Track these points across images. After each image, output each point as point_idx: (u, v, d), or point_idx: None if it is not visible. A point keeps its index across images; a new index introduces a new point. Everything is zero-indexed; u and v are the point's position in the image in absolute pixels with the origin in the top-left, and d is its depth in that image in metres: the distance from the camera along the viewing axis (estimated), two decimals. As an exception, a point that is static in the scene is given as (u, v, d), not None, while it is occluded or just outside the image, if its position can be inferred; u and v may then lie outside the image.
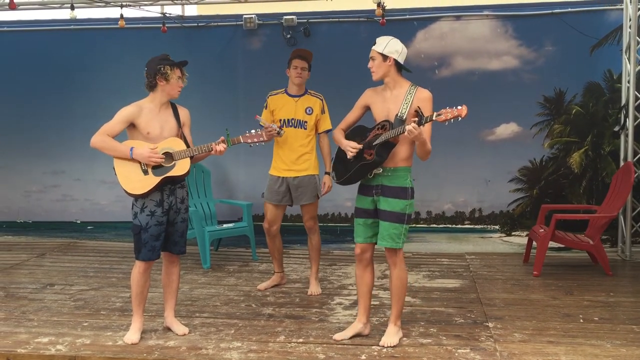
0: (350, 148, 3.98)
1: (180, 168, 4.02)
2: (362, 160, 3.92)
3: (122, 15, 6.51)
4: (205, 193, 6.87)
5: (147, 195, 4.00)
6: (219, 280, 5.67)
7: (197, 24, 7.12)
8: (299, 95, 5.11)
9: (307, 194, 5.10)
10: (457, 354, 3.90)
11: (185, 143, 4.09)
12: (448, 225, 6.99)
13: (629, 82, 6.24)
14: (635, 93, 6.23)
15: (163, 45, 6.48)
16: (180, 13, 7.24)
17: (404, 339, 4.12)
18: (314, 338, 4.19)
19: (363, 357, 3.87)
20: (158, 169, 3.99)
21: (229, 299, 5.08)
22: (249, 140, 4.23)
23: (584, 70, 6.57)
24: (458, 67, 6.81)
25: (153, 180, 3.98)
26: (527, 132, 6.74)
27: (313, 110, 5.07)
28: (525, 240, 6.40)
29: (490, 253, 6.72)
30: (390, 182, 3.94)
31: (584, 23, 6.50)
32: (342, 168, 4.09)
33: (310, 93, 5.14)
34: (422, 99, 3.87)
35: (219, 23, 7.11)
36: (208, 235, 6.20)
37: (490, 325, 4.41)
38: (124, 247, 6.93)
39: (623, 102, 6.40)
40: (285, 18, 6.87)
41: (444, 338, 4.17)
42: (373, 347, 4.01)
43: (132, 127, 4.02)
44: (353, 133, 4.12)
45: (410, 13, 6.81)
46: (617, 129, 6.44)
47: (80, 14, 7.22)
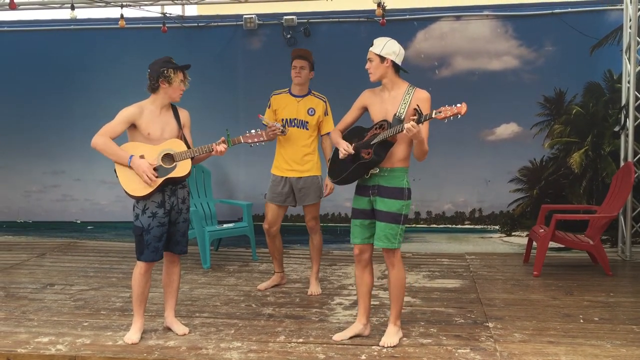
0: (342, 149, 3.98)
1: (182, 169, 4.02)
2: (359, 160, 3.92)
3: (122, 15, 6.51)
4: (206, 193, 6.87)
5: (148, 197, 4.00)
6: (219, 280, 5.68)
7: (197, 24, 7.12)
8: (302, 96, 5.11)
9: (310, 195, 5.10)
10: (457, 354, 3.90)
11: (186, 144, 4.10)
12: (448, 226, 6.99)
13: (629, 82, 6.24)
14: (636, 93, 6.23)
15: (163, 46, 6.51)
16: (181, 13, 7.24)
17: (404, 339, 4.12)
18: (314, 338, 4.19)
19: (363, 357, 3.87)
20: (159, 171, 3.98)
21: (229, 299, 5.08)
22: (250, 140, 4.24)
23: (584, 71, 6.57)
24: (458, 67, 6.81)
25: (154, 182, 3.98)
26: (527, 132, 6.74)
27: (315, 112, 5.06)
28: (526, 241, 6.41)
29: (491, 253, 6.72)
30: (387, 182, 3.94)
31: (584, 23, 6.50)
32: (339, 167, 4.08)
33: (314, 94, 5.13)
34: (420, 100, 3.86)
35: (219, 23, 7.11)
36: (208, 235, 6.20)
37: (491, 326, 4.41)
38: (124, 247, 6.94)
39: (623, 102, 6.40)
40: (286, 18, 6.87)
41: (444, 338, 4.17)
42: (373, 347, 4.01)
43: (132, 127, 4.01)
44: (351, 133, 4.11)
45: (411, 13, 6.81)
46: (617, 129, 6.44)
47: (81, 14, 7.24)
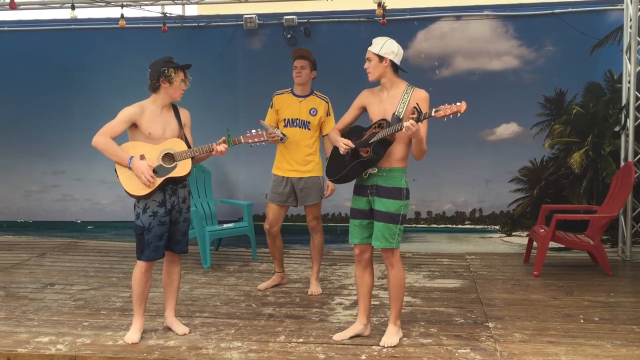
0: (342, 144, 3.98)
1: (182, 169, 4.02)
2: (358, 158, 3.92)
3: (122, 15, 6.51)
4: (206, 193, 6.87)
5: (148, 197, 4.01)
6: (219, 280, 5.68)
7: (197, 24, 7.12)
8: (304, 96, 5.11)
9: (312, 195, 5.10)
10: (457, 354, 3.90)
11: (187, 144, 4.10)
12: (448, 226, 6.99)
13: (630, 82, 6.24)
14: (636, 93, 6.23)
15: (163, 45, 6.51)
16: (181, 13, 7.24)
17: (404, 339, 4.12)
18: (314, 338, 4.19)
19: (363, 357, 3.87)
20: (160, 170, 3.99)
21: (229, 299, 5.08)
22: (250, 141, 4.23)
23: (585, 71, 6.57)
24: (458, 67, 6.81)
25: (155, 182, 3.98)
26: (527, 132, 6.74)
27: (317, 112, 5.06)
28: (526, 241, 6.41)
29: (491, 253, 6.72)
30: (385, 182, 3.94)
31: (585, 23, 6.50)
32: (337, 166, 4.08)
33: (316, 94, 5.13)
34: (419, 99, 3.86)
35: (220, 23, 7.11)
36: (208, 235, 6.20)
37: (491, 326, 4.41)
38: (125, 246, 6.94)
39: (623, 102, 6.40)
40: (286, 18, 6.87)
41: (444, 338, 4.17)
42: (373, 347, 4.01)
43: (133, 127, 4.01)
44: (349, 133, 4.11)
45: (411, 13, 6.81)
46: (617, 129, 6.44)
47: (81, 14, 7.24)
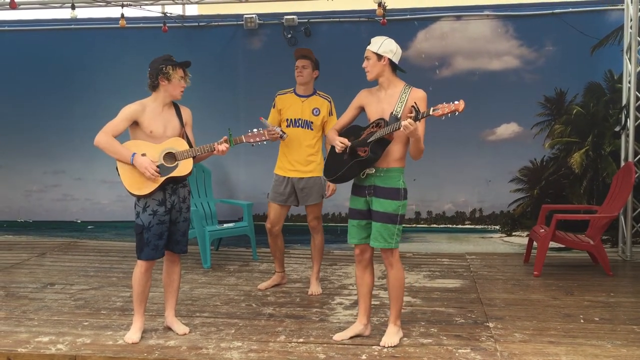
0: (339, 142, 3.98)
1: (183, 168, 4.02)
2: (356, 157, 3.92)
3: (122, 15, 6.50)
4: (206, 193, 6.87)
5: (149, 195, 4.01)
6: (220, 280, 5.68)
7: (197, 24, 7.12)
8: (307, 96, 5.10)
9: (313, 195, 5.10)
10: (457, 354, 3.90)
11: (188, 142, 4.10)
12: (448, 226, 6.99)
13: (630, 82, 6.24)
14: (636, 93, 6.23)
15: (164, 45, 6.48)
16: (181, 13, 7.24)
17: (405, 339, 4.12)
18: (315, 338, 4.19)
19: (363, 357, 3.87)
20: (161, 170, 3.98)
21: (230, 299, 5.08)
22: (251, 140, 4.23)
23: (585, 71, 6.57)
24: (459, 67, 6.81)
25: (156, 181, 3.98)
26: (527, 132, 6.73)
27: (320, 112, 5.05)
28: (526, 241, 6.40)
29: (491, 253, 6.72)
30: (383, 182, 3.94)
31: (585, 23, 6.50)
32: (335, 166, 4.07)
33: (319, 94, 5.13)
34: (417, 99, 3.85)
35: (220, 23, 7.11)
36: (208, 235, 6.20)
37: (491, 326, 4.41)
38: (125, 246, 6.93)
39: (624, 102, 6.40)
40: (286, 18, 6.87)
41: (445, 338, 4.17)
42: (373, 347, 4.01)
43: (135, 125, 4.02)
44: (347, 133, 4.10)
45: (411, 13, 6.81)
46: (617, 129, 6.44)
47: (81, 14, 7.23)
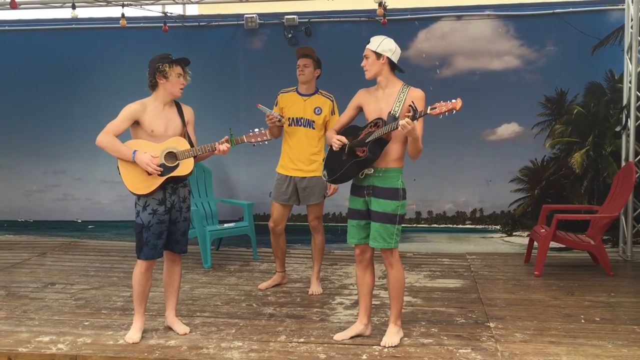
0: (336, 140, 3.98)
1: (184, 168, 4.02)
2: (354, 157, 3.92)
3: (123, 15, 6.50)
4: (207, 192, 6.87)
5: (149, 195, 4.01)
6: (220, 280, 5.67)
7: (198, 24, 7.12)
8: (309, 95, 5.10)
9: (314, 195, 5.10)
10: (458, 354, 3.90)
11: (189, 142, 4.10)
12: (449, 225, 6.99)
13: (631, 82, 6.23)
14: (637, 93, 6.22)
15: (164, 45, 6.47)
16: (182, 12, 7.24)
17: (405, 339, 4.12)
18: (315, 338, 4.19)
19: (364, 357, 3.87)
20: (162, 169, 3.98)
21: (230, 299, 5.08)
22: (253, 140, 4.21)
23: (586, 71, 6.57)
24: (459, 67, 6.81)
25: (157, 181, 3.98)
26: (528, 132, 6.73)
27: (322, 111, 5.05)
28: (526, 241, 6.40)
29: (491, 253, 6.71)
30: (382, 182, 3.93)
31: (586, 23, 6.50)
32: (334, 166, 4.07)
33: (321, 93, 5.12)
34: (415, 98, 3.85)
35: (220, 22, 7.11)
36: (209, 235, 6.20)
37: (492, 326, 4.40)
38: (125, 246, 6.93)
39: (624, 102, 6.39)
40: (287, 18, 6.87)
41: (445, 338, 4.17)
42: (374, 347, 4.00)
43: (136, 125, 4.02)
44: (346, 132, 4.10)
45: (412, 13, 6.81)
46: (618, 129, 6.43)
47: (82, 14, 7.24)
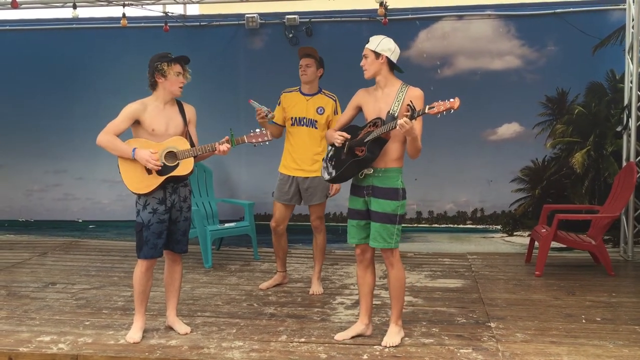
0: (338, 136, 3.98)
1: (184, 168, 4.02)
2: (353, 157, 3.91)
3: (124, 15, 6.50)
4: (207, 192, 6.87)
5: (149, 194, 4.01)
6: (221, 280, 5.67)
7: (199, 23, 7.12)
8: (312, 94, 5.09)
9: (317, 195, 5.10)
10: (459, 354, 3.90)
11: (191, 141, 4.09)
12: (450, 225, 6.98)
13: (632, 82, 6.23)
14: (638, 93, 6.21)
15: (165, 45, 6.46)
16: (182, 12, 7.24)
17: (406, 339, 4.11)
18: (316, 337, 4.18)
19: (365, 356, 3.87)
20: (162, 169, 3.98)
21: (231, 298, 5.08)
22: (253, 140, 4.20)
23: (587, 70, 6.57)
24: (460, 66, 6.81)
25: (156, 180, 3.98)
26: (529, 132, 6.73)
27: (325, 110, 5.04)
28: (527, 241, 6.40)
29: (492, 253, 6.71)
30: (381, 182, 3.93)
31: (587, 23, 6.50)
32: (333, 165, 4.08)
33: (324, 93, 5.12)
34: (413, 97, 3.84)
35: (221, 22, 7.11)
36: (210, 235, 6.20)
37: (493, 325, 4.40)
38: (126, 246, 6.93)
39: (625, 102, 6.39)
40: (288, 17, 6.87)
41: (446, 338, 4.17)
42: (375, 346, 4.00)
43: (137, 124, 4.02)
44: (345, 132, 4.10)
45: (413, 12, 6.81)
46: (619, 129, 6.43)
47: (82, 13, 7.23)
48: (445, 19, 6.80)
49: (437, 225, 7.01)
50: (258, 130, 4.23)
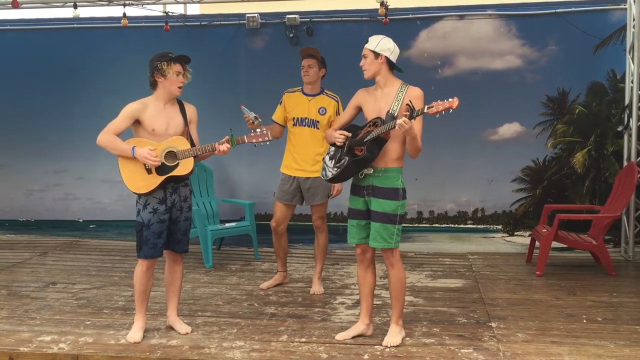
0: (338, 135, 3.98)
1: (184, 168, 4.02)
2: (353, 157, 3.91)
3: (125, 14, 6.50)
4: (208, 192, 6.87)
5: (150, 194, 4.01)
6: (222, 279, 5.67)
7: (199, 23, 7.12)
8: (314, 95, 5.09)
9: (319, 194, 5.09)
10: (460, 354, 3.89)
11: (191, 141, 4.09)
12: (451, 225, 6.98)
13: (633, 82, 6.23)
14: (639, 93, 6.21)
15: (165, 45, 6.45)
16: (183, 12, 7.24)
17: (407, 339, 4.11)
18: (317, 337, 4.18)
19: (366, 356, 3.87)
20: (161, 168, 3.98)
21: (232, 298, 5.08)
22: (254, 140, 4.20)
23: (588, 70, 6.56)
24: (461, 66, 6.80)
25: (156, 180, 3.98)
26: (530, 131, 6.73)
27: (326, 111, 5.03)
28: (528, 240, 6.39)
29: (493, 253, 6.71)
30: (381, 182, 3.93)
31: (588, 23, 6.50)
32: (333, 165, 4.07)
33: (326, 93, 5.11)
34: (413, 97, 3.84)
35: (222, 22, 7.11)
36: (210, 234, 6.20)
37: (493, 325, 4.40)
38: (126, 245, 6.93)
39: (626, 102, 6.39)
40: (288, 17, 6.86)
41: (447, 338, 4.17)
42: (376, 346, 4.00)
43: (137, 124, 4.02)
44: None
45: (413, 12, 6.81)
46: (620, 129, 6.43)
47: (83, 13, 7.21)
48: (446, 19, 6.80)
49: (437, 225, 7.01)
50: (259, 131, 4.23)
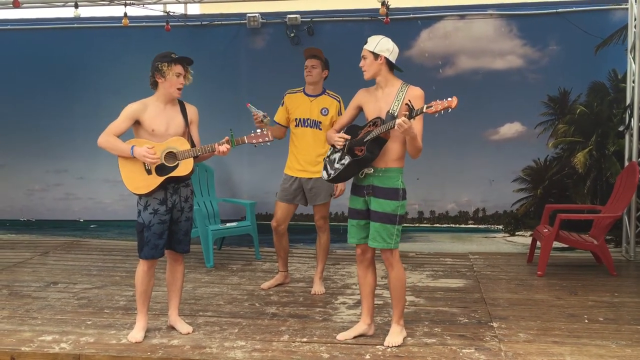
0: (337, 137, 3.99)
1: (184, 168, 4.01)
2: (353, 157, 3.91)
3: (125, 14, 6.50)
4: (209, 192, 6.87)
5: (150, 194, 4.00)
6: (223, 279, 5.67)
7: (200, 23, 7.12)
8: (316, 95, 5.08)
9: (321, 194, 5.08)
10: (461, 354, 3.89)
11: (192, 141, 4.09)
12: (452, 225, 6.97)
13: (634, 81, 6.22)
14: (640, 93, 6.22)
15: (166, 44, 6.45)
16: (184, 11, 7.24)
17: (408, 339, 4.11)
18: (318, 337, 4.18)
19: (367, 356, 3.86)
20: (161, 169, 3.98)
21: (233, 298, 5.08)
22: (254, 141, 4.18)
23: (589, 70, 6.56)
24: (462, 66, 6.79)
25: (156, 180, 3.98)
26: (531, 131, 6.72)
27: (329, 112, 5.02)
28: (529, 240, 6.39)
29: (494, 253, 6.70)
30: (382, 182, 3.92)
31: (589, 22, 6.49)
32: (333, 165, 4.07)
33: (328, 93, 5.10)
34: (413, 97, 3.84)
35: (223, 22, 7.10)
36: (211, 234, 6.20)
37: (495, 325, 4.40)
38: (127, 245, 6.93)
39: (628, 102, 6.38)
40: (289, 17, 6.86)
41: (449, 338, 4.16)
42: (377, 346, 4.00)
43: (137, 124, 4.01)
44: (345, 132, 4.09)
45: (414, 12, 6.80)
46: (621, 129, 6.42)
47: (84, 13, 7.21)
48: (447, 19, 6.79)
49: (438, 225, 7.00)
50: (259, 131, 4.21)
